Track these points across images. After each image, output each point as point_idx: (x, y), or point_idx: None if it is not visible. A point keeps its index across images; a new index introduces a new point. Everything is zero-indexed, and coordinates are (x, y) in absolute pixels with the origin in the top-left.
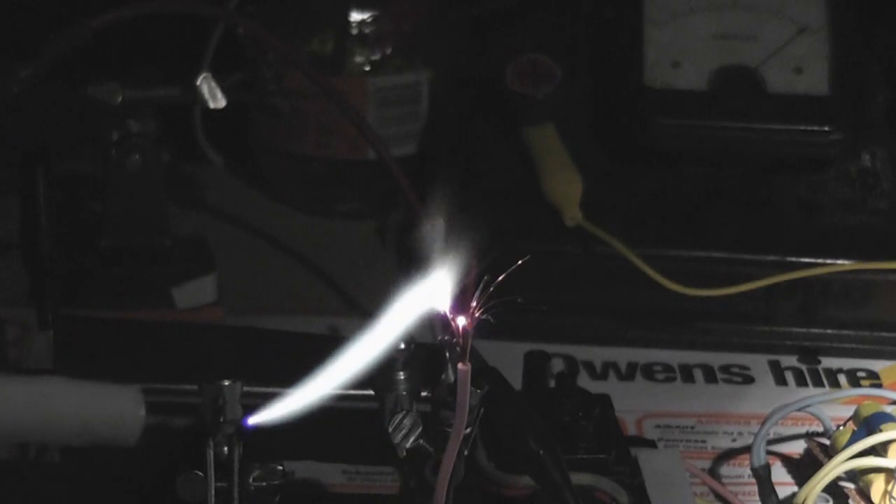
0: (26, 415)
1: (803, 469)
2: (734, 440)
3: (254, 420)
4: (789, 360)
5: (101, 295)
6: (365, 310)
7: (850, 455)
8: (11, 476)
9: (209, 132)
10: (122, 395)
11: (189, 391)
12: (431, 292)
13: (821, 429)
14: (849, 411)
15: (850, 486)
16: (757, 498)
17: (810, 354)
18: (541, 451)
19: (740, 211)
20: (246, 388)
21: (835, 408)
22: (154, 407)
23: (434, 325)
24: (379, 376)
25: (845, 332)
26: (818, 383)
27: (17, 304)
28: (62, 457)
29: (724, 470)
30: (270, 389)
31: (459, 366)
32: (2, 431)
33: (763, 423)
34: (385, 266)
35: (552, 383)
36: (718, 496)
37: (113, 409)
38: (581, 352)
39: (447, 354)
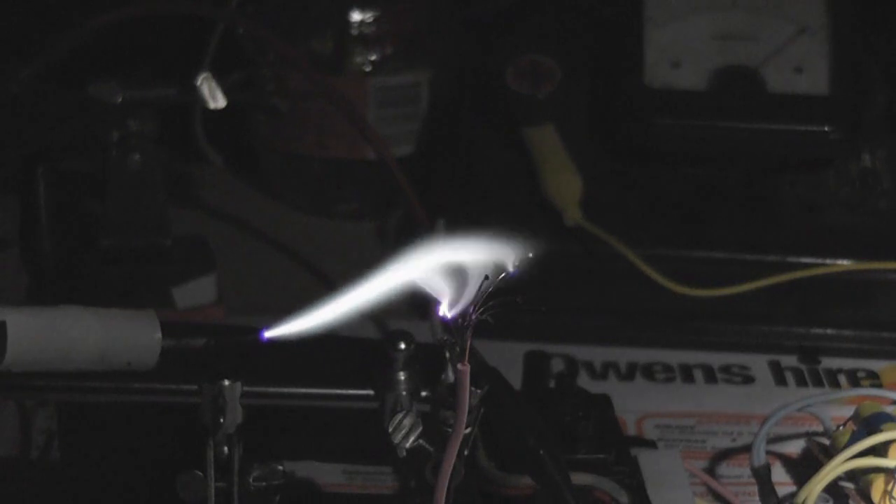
0: (47, 343)
1: (803, 469)
2: (734, 440)
3: (270, 334)
4: (789, 360)
5: (101, 295)
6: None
7: (850, 455)
8: (11, 476)
9: (209, 132)
10: (139, 319)
11: (189, 391)
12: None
13: (821, 429)
14: (849, 411)
15: (850, 486)
16: (757, 498)
17: (810, 354)
18: (541, 451)
19: (740, 211)
20: (246, 388)
21: (835, 408)
22: (169, 333)
23: (434, 325)
24: (379, 376)
25: (845, 332)
26: (818, 383)
27: (17, 304)
28: (62, 457)
29: (724, 470)
30: (270, 389)
31: (459, 366)
32: (24, 361)
33: (763, 423)
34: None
35: (552, 383)
36: (718, 496)
37: (131, 332)
38: (581, 352)
39: (447, 354)
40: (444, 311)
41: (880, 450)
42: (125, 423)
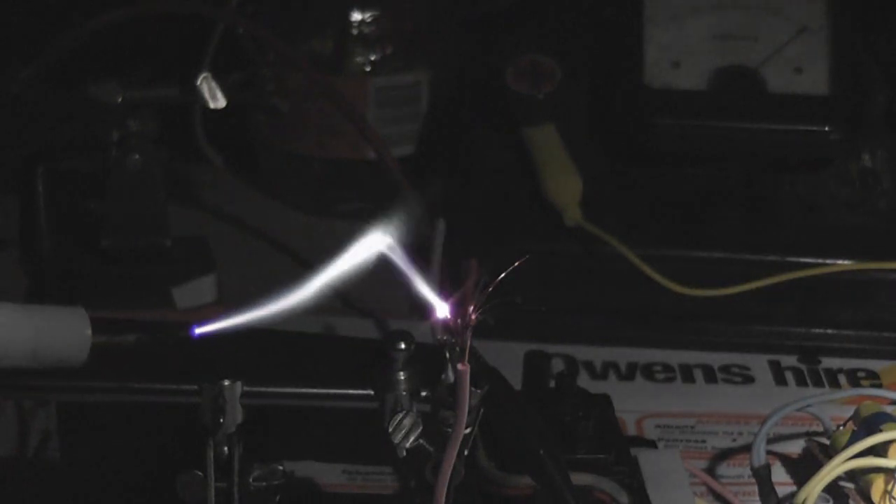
0: None
1: (803, 469)
2: (734, 440)
3: (201, 330)
4: (789, 360)
5: (101, 295)
6: (364, 310)
7: (850, 455)
8: (11, 476)
9: (209, 132)
10: (69, 316)
11: (189, 391)
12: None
13: (821, 429)
14: (849, 411)
15: (850, 486)
16: (757, 498)
17: (810, 354)
18: (541, 451)
19: (740, 211)
20: (246, 388)
21: (835, 408)
22: (99, 330)
23: (434, 325)
24: (379, 376)
25: (845, 332)
26: (818, 383)
27: None
28: (62, 457)
29: (724, 470)
30: (270, 389)
31: (459, 366)
32: None
33: (763, 423)
34: (385, 266)
35: (552, 383)
36: (718, 496)
37: (60, 329)
38: (581, 352)
39: (447, 354)
40: (443, 311)
41: (880, 450)
42: (125, 423)
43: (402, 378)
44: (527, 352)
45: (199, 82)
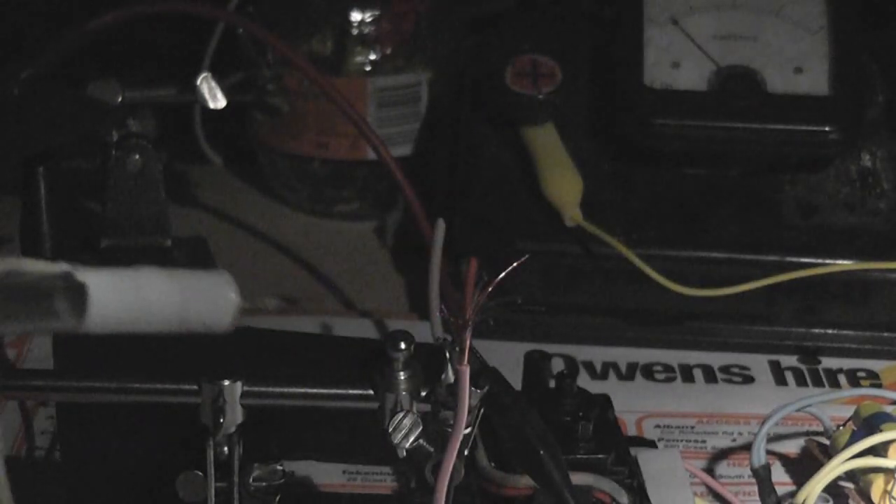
0: (125, 306)
1: (803, 469)
2: (734, 440)
3: None
4: (789, 360)
5: None
6: (364, 310)
7: (850, 455)
8: (11, 476)
9: (209, 132)
10: (215, 279)
11: (189, 391)
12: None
13: (821, 429)
14: (849, 411)
15: (850, 486)
16: (757, 498)
17: (810, 354)
18: (541, 451)
19: (740, 211)
20: (246, 388)
21: (835, 408)
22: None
23: (434, 325)
24: (379, 376)
25: (845, 332)
26: (818, 383)
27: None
28: (62, 457)
29: (724, 470)
30: (270, 389)
31: (459, 366)
32: (104, 324)
33: (763, 423)
34: (384, 266)
35: (552, 383)
36: (718, 496)
37: (207, 293)
38: (581, 352)
39: (447, 354)
40: (444, 310)
41: (880, 450)
42: (125, 423)
43: (402, 378)
44: (527, 352)
45: (199, 82)
